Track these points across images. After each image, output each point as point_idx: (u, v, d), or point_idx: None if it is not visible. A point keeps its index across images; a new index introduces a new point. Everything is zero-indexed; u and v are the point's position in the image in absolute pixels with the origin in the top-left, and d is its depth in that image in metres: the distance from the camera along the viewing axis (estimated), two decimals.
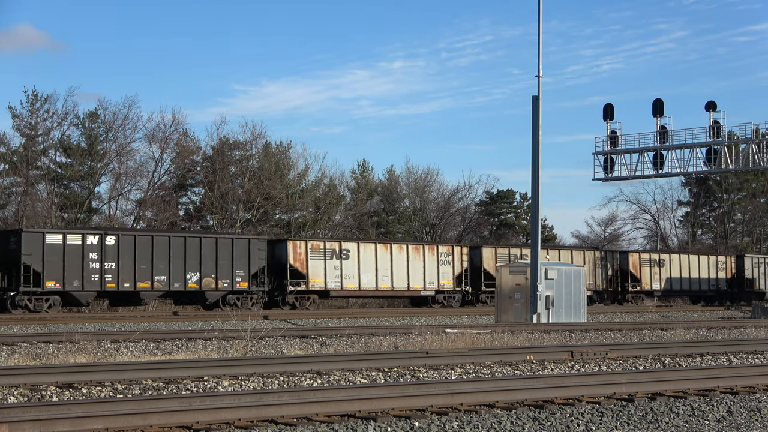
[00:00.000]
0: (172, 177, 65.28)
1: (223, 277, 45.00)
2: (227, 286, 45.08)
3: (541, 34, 37.56)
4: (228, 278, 45.13)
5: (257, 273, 46.22)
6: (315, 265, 48.25)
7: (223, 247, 45.01)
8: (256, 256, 45.95)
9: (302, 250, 48.05)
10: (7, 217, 59.06)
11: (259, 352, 22.29)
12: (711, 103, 47.08)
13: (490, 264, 54.82)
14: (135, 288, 42.57)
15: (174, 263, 43.55)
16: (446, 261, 53.08)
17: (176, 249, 43.72)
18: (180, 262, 43.71)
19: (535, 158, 37.28)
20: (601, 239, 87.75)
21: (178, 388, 15.35)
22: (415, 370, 18.34)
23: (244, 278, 45.66)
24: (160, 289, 43.31)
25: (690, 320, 41.48)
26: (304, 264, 47.91)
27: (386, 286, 50.80)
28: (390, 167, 79.83)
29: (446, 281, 53.06)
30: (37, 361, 19.74)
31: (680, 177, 79.80)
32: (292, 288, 47.61)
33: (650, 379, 15.71)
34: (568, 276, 38.01)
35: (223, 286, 44.97)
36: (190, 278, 44.06)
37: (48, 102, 60.71)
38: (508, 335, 27.16)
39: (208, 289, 44.55)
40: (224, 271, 44.96)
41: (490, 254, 55.51)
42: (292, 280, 47.72)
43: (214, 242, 44.96)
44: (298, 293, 47.96)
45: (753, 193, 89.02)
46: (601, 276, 60.83)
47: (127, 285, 42.35)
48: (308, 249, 48.13)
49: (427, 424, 11.93)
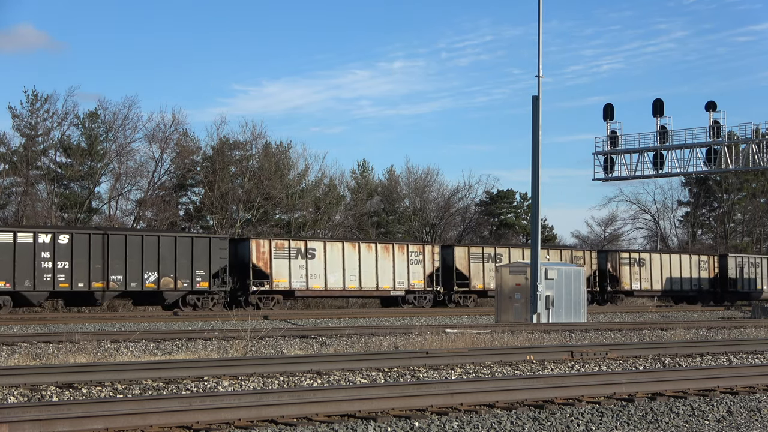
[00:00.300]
0: (172, 177, 65.30)
1: (183, 277, 43.65)
2: (187, 286, 43.76)
3: (541, 34, 37.58)
4: (187, 278, 43.77)
5: (218, 273, 45.00)
6: (279, 264, 46.99)
7: (182, 246, 43.74)
8: (217, 255, 44.67)
9: (266, 249, 46.82)
10: (7, 217, 59.06)
11: (259, 352, 22.29)
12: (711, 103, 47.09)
13: (462, 263, 53.92)
14: (89, 288, 41.16)
15: (131, 262, 42.21)
16: (417, 260, 52.02)
17: (133, 248, 42.40)
18: (137, 261, 42.40)
19: (535, 158, 37.28)
20: (601, 239, 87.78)
21: (178, 388, 15.35)
22: (415, 370, 18.34)
23: (204, 278, 44.30)
24: (115, 289, 41.97)
25: (690, 320, 41.49)
26: (267, 263, 46.67)
27: (354, 286, 49.62)
28: (390, 167, 79.96)
29: (417, 281, 52.03)
30: (37, 361, 19.74)
31: (680, 177, 79.83)
32: (255, 288, 46.33)
33: (650, 379, 15.71)
34: (568, 276, 38.01)
35: (183, 286, 43.64)
36: (147, 278, 42.79)
37: (48, 102, 60.80)
38: (508, 335, 27.16)
39: (167, 289, 43.23)
40: (183, 270, 43.68)
41: (462, 253, 54.39)
42: (255, 280, 46.43)
43: (172, 241, 43.65)
44: (261, 293, 46.64)
45: (753, 193, 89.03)
46: None
47: (81, 285, 40.93)
48: (272, 248, 46.92)
49: (427, 424, 11.93)
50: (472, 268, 54.39)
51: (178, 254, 43.58)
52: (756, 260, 68.81)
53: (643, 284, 62.38)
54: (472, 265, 54.38)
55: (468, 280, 54.00)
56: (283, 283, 47.20)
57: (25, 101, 60.41)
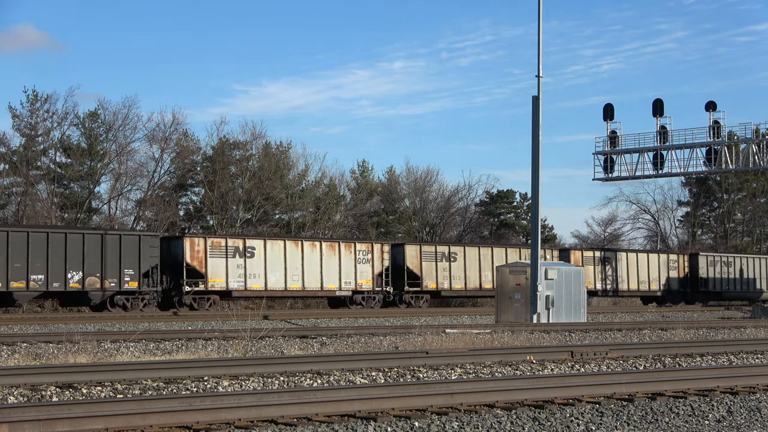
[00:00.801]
0: (172, 177, 65.29)
1: (110, 277, 42.04)
2: (114, 286, 42.18)
3: (541, 34, 37.59)
4: (115, 277, 42.15)
5: (149, 272, 43.34)
6: (215, 263, 45.24)
7: (109, 244, 42.07)
8: (147, 253, 43.02)
9: (201, 247, 45.03)
10: (7, 217, 59.07)
11: (259, 352, 22.30)
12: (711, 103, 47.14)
13: (414, 262, 52.07)
14: (7, 288, 39.46)
15: (53, 261, 40.50)
16: (365, 259, 50.18)
17: (55, 246, 40.62)
18: (60, 260, 40.67)
19: (535, 158, 37.29)
20: (601, 239, 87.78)
21: (178, 388, 15.36)
22: (415, 370, 18.34)
23: (133, 277, 42.69)
24: (36, 290, 40.36)
25: (690, 320, 41.50)
26: (202, 262, 44.89)
27: (296, 286, 47.78)
28: (390, 167, 79.95)
29: (365, 281, 50.15)
30: (37, 361, 19.75)
31: (680, 177, 79.82)
32: (189, 288, 44.62)
33: (650, 379, 15.72)
34: (568, 276, 38.02)
35: (110, 285, 42.06)
36: (71, 277, 41.10)
37: (48, 102, 60.75)
38: (508, 335, 27.17)
39: (93, 289, 41.67)
40: (111, 269, 41.99)
41: (414, 252, 52.41)
42: (190, 280, 44.66)
43: (99, 238, 42.01)
44: (195, 294, 44.93)
45: (753, 193, 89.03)
46: None
47: None
48: (207, 246, 45.12)
49: (427, 424, 11.93)
50: (425, 268, 52.41)
51: (105, 253, 41.89)
52: (729, 259, 66.91)
53: (608, 284, 60.28)
54: (424, 264, 52.40)
55: (420, 279, 52.11)
56: (219, 283, 45.41)
57: (25, 101, 60.44)
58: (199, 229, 64.18)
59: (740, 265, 67.10)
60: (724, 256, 67.53)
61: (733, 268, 66.49)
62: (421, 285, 52.25)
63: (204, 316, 39.87)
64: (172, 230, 58.45)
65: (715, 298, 65.63)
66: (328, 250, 49.23)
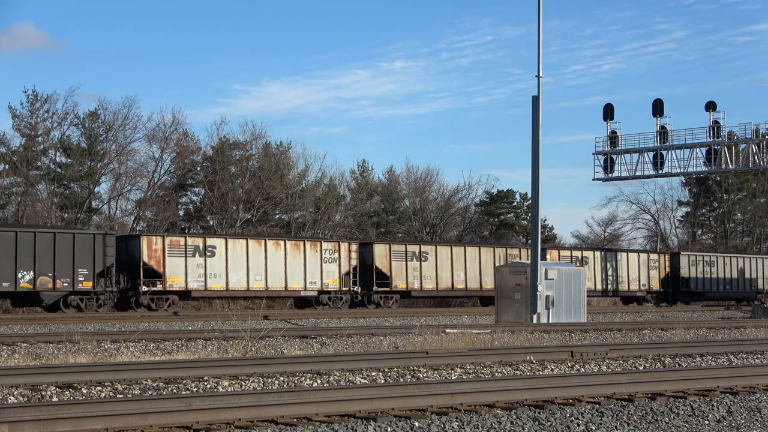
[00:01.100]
0: (172, 177, 65.31)
1: (63, 276, 41.00)
2: (67, 286, 41.18)
3: (541, 34, 37.59)
4: (68, 277, 41.11)
5: (104, 271, 42.37)
6: (174, 263, 44.01)
7: (62, 243, 41.00)
8: (102, 252, 42.07)
9: (159, 246, 43.85)
10: (7, 217, 59.08)
11: (259, 352, 22.30)
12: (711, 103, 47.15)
13: (383, 262, 50.70)
14: None
15: (2, 261, 39.53)
16: (331, 258, 48.96)
17: (5, 245, 39.69)
18: (10, 259, 39.65)
19: (535, 158, 37.29)
20: (601, 239, 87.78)
21: (178, 388, 15.36)
22: (415, 370, 18.34)
23: (88, 277, 41.68)
24: None
25: (690, 320, 41.49)
26: (160, 262, 43.70)
27: (259, 285, 46.53)
28: (390, 167, 79.99)
29: (331, 281, 48.87)
30: (37, 361, 19.74)
31: (680, 177, 79.86)
32: (146, 288, 43.50)
33: (650, 379, 15.71)
34: (568, 276, 38.02)
35: (63, 286, 41.04)
36: (22, 277, 40.06)
37: (48, 102, 60.83)
38: (508, 335, 27.16)
39: (44, 290, 40.67)
40: (64, 269, 40.95)
41: (383, 251, 51.01)
42: (147, 280, 43.57)
43: (51, 237, 40.95)
44: (153, 294, 43.85)
45: (753, 193, 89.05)
46: None
47: None
48: (165, 245, 43.91)
49: (427, 424, 11.93)
50: (394, 267, 51.05)
51: (57, 252, 40.88)
52: (711, 259, 65.50)
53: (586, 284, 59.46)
54: (394, 264, 51.05)
55: (389, 279, 50.72)
56: (178, 283, 44.18)
57: (25, 101, 60.52)
58: (200, 229, 64.21)
59: (723, 265, 65.84)
60: (706, 256, 66.16)
61: (716, 267, 65.15)
62: (390, 285, 50.92)
63: (204, 316, 39.81)
64: (172, 230, 58.47)
65: (698, 299, 64.30)
66: (293, 249, 47.91)
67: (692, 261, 64.03)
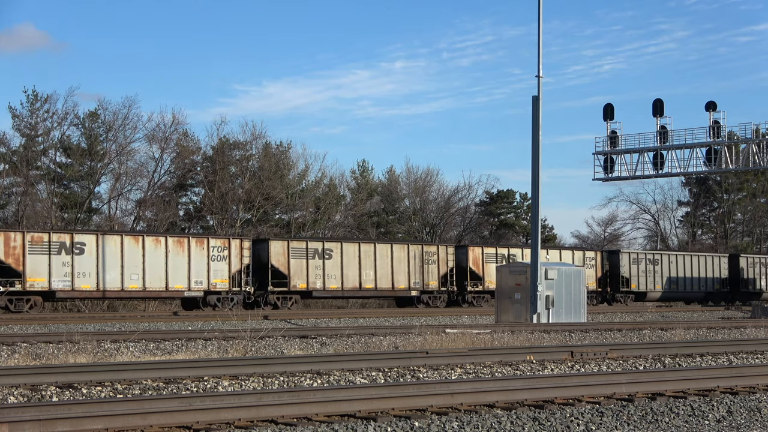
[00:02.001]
0: (172, 177, 65.31)
1: None
2: None
3: (541, 34, 37.58)
4: None
5: None
6: (36, 261, 41.44)
7: None
8: None
9: (18, 243, 41.36)
10: (7, 217, 59.07)
11: (259, 352, 22.29)
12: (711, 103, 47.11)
13: (280, 260, 47.64)
14: None
15: None
16: (220, 256, 45.84)
17: None
18: None
19: (535, 158, 37.28)
20: (601, 239, 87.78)
21: (178, 388, 15.36)
22: (415, 370, 18.34)
23: None
24: None
25: (690, 320, 41.49)
26: (19, 260, 41.24)
27: (136, 285, 43.39)
28: (390, 167, 79.99)
29: (220, 280, 45.87)
30: (37, 361, 19.74)
31: (680, 177, 79.83)
32: (2, 288, 41.32)
33: (650, 379, 15.71)
34: (568, 276, 38.01)
35: None
36: None
37: (48, 102, 60.81)
38: (508, 335, 27.16)
39: None
40: None
41: (280, 248, 47.89)
42: (4, 279, 41.41)
43: None
44: (11, 294, 41.60)
45: (753, 193, 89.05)
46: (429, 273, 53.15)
47: None
48: (26, 242, 41.37)
49: (427, 424, 11.93)
50: (293, 266, 47.85)
51: None
52: (655, 257, 62.20)
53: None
54: (292, 262, 47.84)
55: (287, 278, 47.65)
56: (40, 283, 41.75)
57: (25, 101, 60.51)
58: (200, 229, 64.21)
59: (669, 264, 62.68)
60: (642, 253, 62.98)
61: (660, 266, 62.09)
62: (288, 285, 47.78)
63: (204, 316, 39.64)
64: (172, 230, 58.47)
65: (640, 299, 61.27)
66: (176, 246, 44.80)
67: (633, 260, 61.21)
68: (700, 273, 64.49)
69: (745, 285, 66.12)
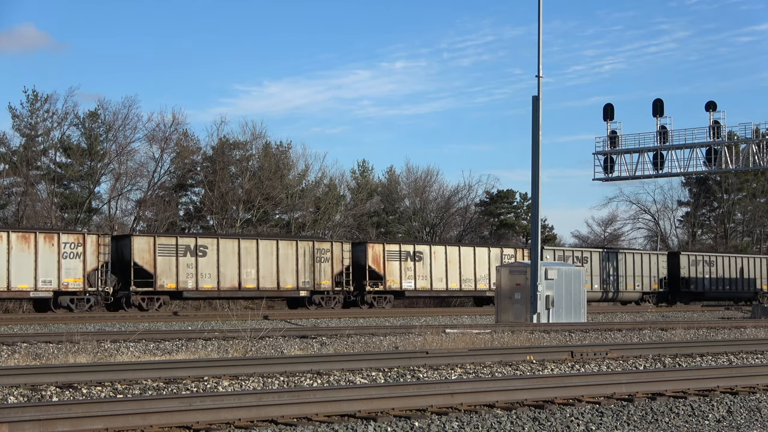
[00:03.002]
0: (172, 177, 65.31)
1: None
2: None
3: (540, 34, 37.59)
4: None
5: None
6: None
7: None
8: None
9: None
10: (7, 217, 59.07)
11: (259, 352, 22.29)
12: (711, 103, 47.14)
13: (145, 257, 44.51)
14: None
15: None
16: (73, 254, 42.61)
17: None
18: None
19: (535, 158, 37.29)
20: (601, 239, 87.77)
21: (178, 388, 15.35)
22: (415, 370, 18.34)
23: None
24: None
25: (690, 320, 41.49)
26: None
27: None
28: (390, 167, 79.99)
29: (73, 279, 42.63)
30: (37, 361, 19.74)
31: (680, 177, 79.82)
32: None
33: (650, 379, 15.71)
34: (568, 276, 38.01)
35: None
36: None
37: (48, 102, 60.83)
38: (508, 335, 27.16)
39: None
40: None
41: (146, 245, 44.67)
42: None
43: None
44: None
45: (753, 193, 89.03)
46: None
47: None
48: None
49: (427, 424, 11.92)
50: (160, 264, 44.68)
51: None
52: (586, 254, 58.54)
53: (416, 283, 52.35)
54: (159, 260, 44.69)
55: (153, 278, 44.53)
56: None
57: (25, 101, 60.52)
58: (200, 229, 64.21)
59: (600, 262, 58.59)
60: (576, 250, 59.48)
61: (589, 264, 57.74)
62: (154, 284, 44.63)
63: (204, 316, 39.68)
64: (171, 230, 58.47)
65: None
66: (20, 243, 41.48)
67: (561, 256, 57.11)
68: (635, 272, 60.62)
69: (685, 285, 62.79)
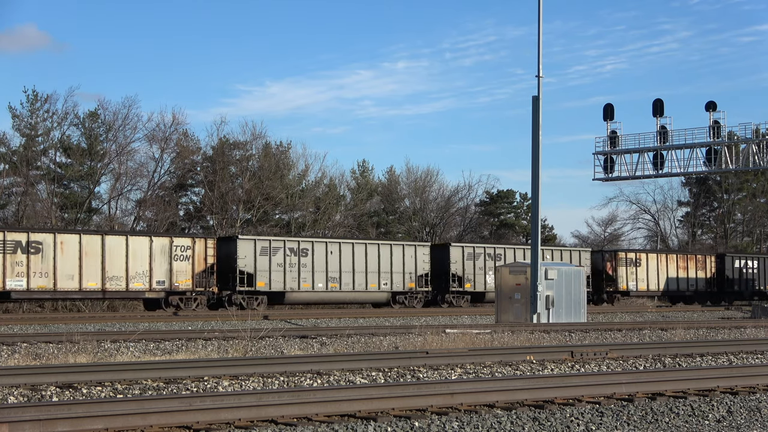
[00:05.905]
0: (172, 177, 65.28)
1: None
2: None
3: (540, 34, 37.58)
4: None
5: None
6: None
7: None
8: None
9: None
10: (7, 217, 59.05)
11: (259, 352, 22.29)
12: (711, 103, 47.10)
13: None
14: None
15: None
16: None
17: None
18: None
19: (535, 158, 37.28)
20: (601, 239, 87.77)
21: (178, 388, 15.35)
22: (415, 370, 18.34)
23: None
24: None
25: (690, 320, 41.49)
26: None
27: None
28: (390, 167, 79.99)
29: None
30: (37, 361, 19.74)
31: (680, 177, 79.81)
32: None
33: (650, 379, 15.71)
34: (568, 276, 38.01)
35: None
36: None
37: (48, 102, 60.76)
38: (508, 335, 27.16)
39: None
40: None
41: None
42: None
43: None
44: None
45: (753, 193, 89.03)
46: None
47: None
48: None
49: (427, 424, 11.92)
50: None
51: None
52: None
53: None
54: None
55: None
56: None
57: (25, 101, 60.46)
58: (200, 229, 64.19)
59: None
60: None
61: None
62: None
63: (204, 316, 39.69)
64: (172, 230, 58.45)
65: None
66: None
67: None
68: None
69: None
